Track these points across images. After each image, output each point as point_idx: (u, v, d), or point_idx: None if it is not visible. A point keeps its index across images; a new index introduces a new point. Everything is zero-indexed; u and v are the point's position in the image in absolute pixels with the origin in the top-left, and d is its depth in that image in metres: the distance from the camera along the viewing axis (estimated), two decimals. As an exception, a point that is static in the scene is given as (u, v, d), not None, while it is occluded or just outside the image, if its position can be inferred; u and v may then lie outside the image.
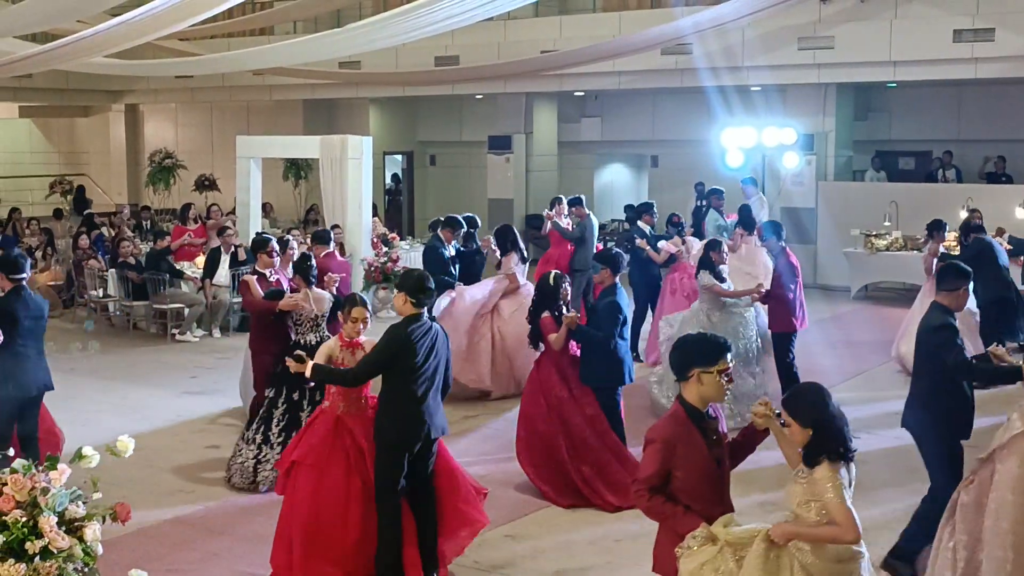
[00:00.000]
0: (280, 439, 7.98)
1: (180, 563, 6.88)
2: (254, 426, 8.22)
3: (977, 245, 12.04)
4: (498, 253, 11.19)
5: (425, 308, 6.22)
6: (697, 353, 4.65)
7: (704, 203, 16.24)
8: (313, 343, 8.06)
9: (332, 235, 12.27)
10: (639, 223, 13.18)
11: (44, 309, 7.54)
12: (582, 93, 21.45)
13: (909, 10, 16.12)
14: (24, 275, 7.47)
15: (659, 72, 17.97)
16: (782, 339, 9.84)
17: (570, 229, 13.21)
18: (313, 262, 8.64)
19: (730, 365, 4.63)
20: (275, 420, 8.10)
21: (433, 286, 6.38)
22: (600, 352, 7.98)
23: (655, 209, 13.86)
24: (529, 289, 10.71)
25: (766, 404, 4.66)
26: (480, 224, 12.44)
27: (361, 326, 6.55)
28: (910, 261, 16.16)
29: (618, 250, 8.74)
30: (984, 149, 19.58)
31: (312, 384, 7.44)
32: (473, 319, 10.76)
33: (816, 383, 4.65)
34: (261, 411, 8.22)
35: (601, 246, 13.03)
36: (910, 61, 16.26)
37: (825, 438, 4.36)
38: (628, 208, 22.01)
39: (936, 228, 11.90)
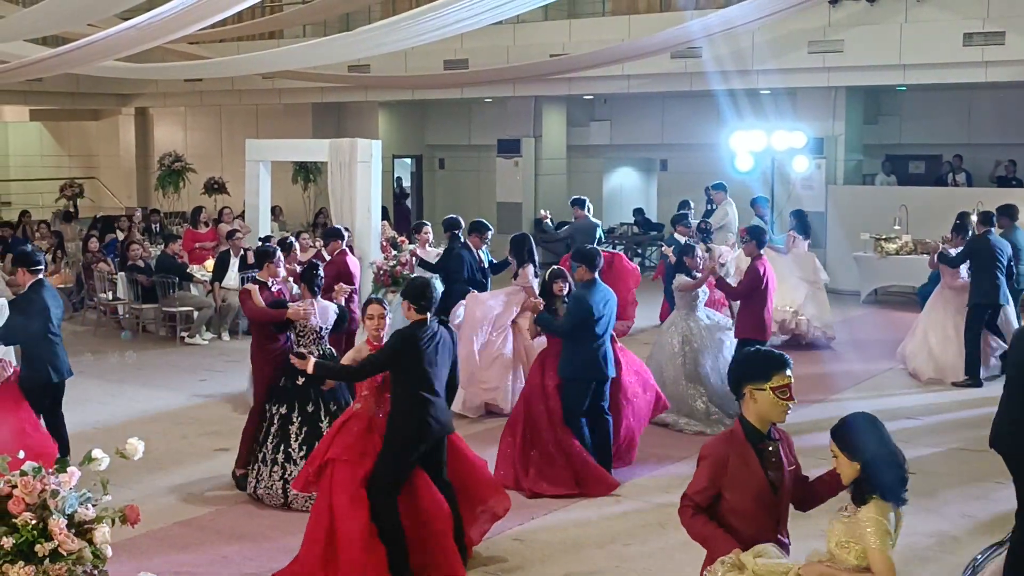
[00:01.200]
0: (302, 454, 7.82)
1: (189, 566, 6.87)
2: (270, 445, 7.96)
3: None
4: (515, 264, 10.65)
5: (430, 313, 6.38)
6: (747, 369, 4.35)
7: (713, 207, 16.19)
8: (315, 356, 7.96)
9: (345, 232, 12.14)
10: (675, 234, 13.19)
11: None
12: (591, 97, 21.45)
13: (919, 13, 16.09)
14: (42, 266, 8.01)
15: (668, 76, 17.96)
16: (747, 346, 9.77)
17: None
18: (320, 271, 8.47)
19: (789, 381, 4.28)
20: (293, 436, 7.91)
21: (436, 292, 6.47)
22: (568, 345, 8.13)
23: (690, 219, 13.87)
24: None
25: None
26: (462, 224, 12.27)
27: (379, 322, 6.68)
28: (920, 265, 16.07)
29: (593, 247, 8.76)
30: (995, 153, 19.53)
31: (323, 385, 7.62)
32: (488, 332, 10.35)
33: (870, 414, 4.27)
34: (274, 429, 7.98)
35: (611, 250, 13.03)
36: (920, 64, 16.23)
37: (876, 475, 4.02)
38: (637, 212, 22.03)
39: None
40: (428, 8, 13.19)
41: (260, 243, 15.14)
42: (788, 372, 4.28)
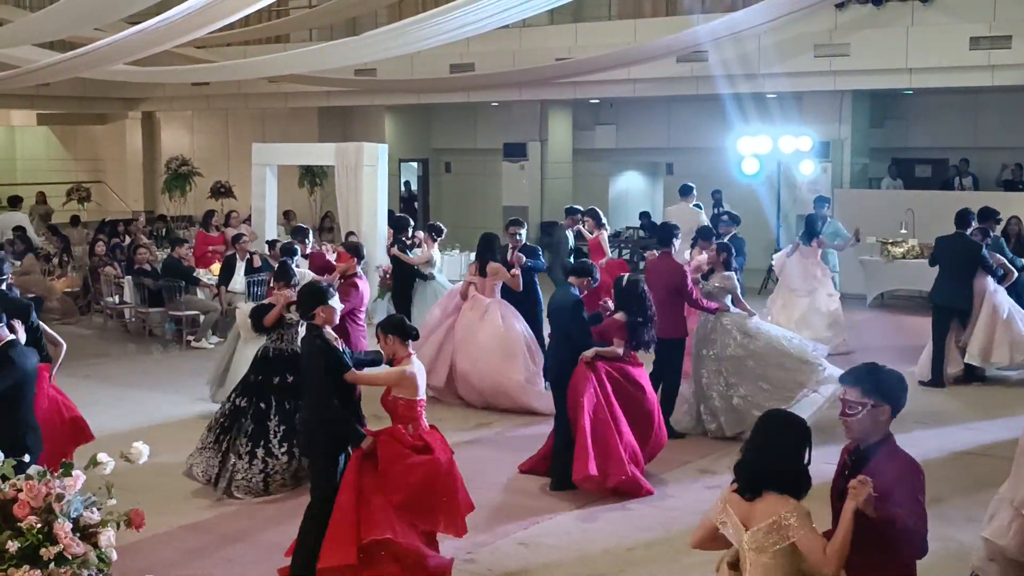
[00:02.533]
0: (283, 449, 8.14)
1: (194, 569, 6.89)
2: (245, 439, 8.16)
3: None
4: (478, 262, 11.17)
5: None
6: None
7: (719, 210, 16.19)
8: (285, 352, 8.32)
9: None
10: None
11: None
12: (597, 100, 21.46)
13: (925, 17, 16.08)
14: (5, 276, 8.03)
15: (674, 80, 17.96)
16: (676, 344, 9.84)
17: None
18: (293, 268, 8.73)
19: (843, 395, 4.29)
20: (272, 432, 8.17)
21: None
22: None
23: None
24: (500, 304, 10.83)
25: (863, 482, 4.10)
26: (412, 223, 13.08)
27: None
28: (927, 269, 16.05)
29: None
30: (1001, 156, 19.50)
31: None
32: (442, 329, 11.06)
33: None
34: (250, 425, 8.19)
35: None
36: (926, 68, 16.22)
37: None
38: (644, 216, 22.02)
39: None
40: (434, 12, 13.22)
41: (267, 245, 15.23)
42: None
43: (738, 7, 16.21)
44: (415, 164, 24.82)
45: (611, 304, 8.48)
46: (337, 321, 6.62)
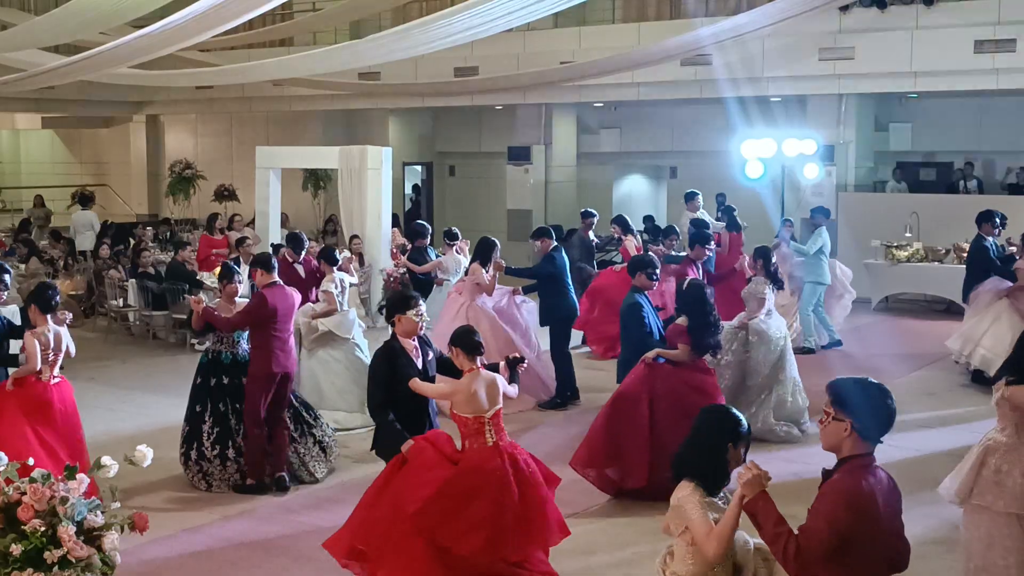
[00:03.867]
0: (215, 452, 8.40)
1: (197, 572, 6.88)
2: (208, 443, 8.41)
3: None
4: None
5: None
6: None
7: (720, 214, 16.17)
8: (227, 355, 8.46)
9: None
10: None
11: None
12: (601, 104, 21.45)
13: (930, 20, 16.06)
14: None
15: (678, 83, 17.95)
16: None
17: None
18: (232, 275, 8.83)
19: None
20: (205, 434, 8.40)
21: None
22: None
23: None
24: (474, 307, 10.76)
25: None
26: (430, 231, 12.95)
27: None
28: (931, 272, 16.08)
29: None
30: (1006, 160, 19.47)
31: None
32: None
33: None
34: (214, 426, 8.41)
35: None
36: (931, 72, 16.20)
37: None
38: (647, 219, 21.99)
39: None
40: (438, 16, 13.23)
41: (271, 248, 15.23)
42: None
43: (742, 10, 16.22)
44: (419, 168, 24.82)
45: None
46: (416, 332, 6.59)
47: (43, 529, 4.48)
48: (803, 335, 13.47)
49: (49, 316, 7.59)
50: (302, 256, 12.01)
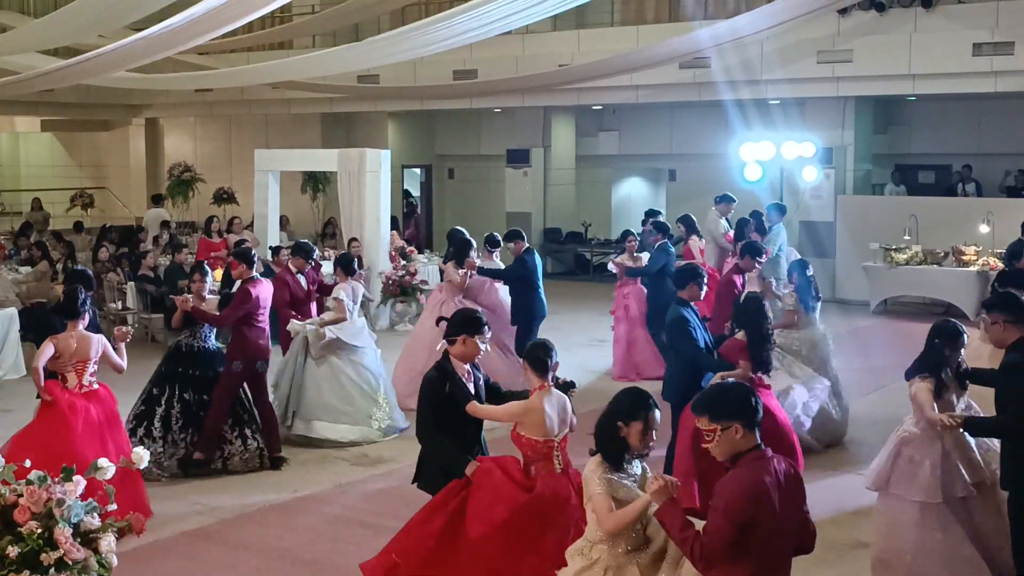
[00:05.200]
0: (183, 436, 8.77)
1: (194, 574, 6.88)
2: (176, 426, 8.76)
3: None
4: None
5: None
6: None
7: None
8: (194, 348, 8.80)
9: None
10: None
11: None
12: (600, 107, 21.46)
13: (928, 23, 16.07)
14: None
15: (677, 86, 17.96)
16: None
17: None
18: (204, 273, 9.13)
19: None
20: (173, 419, 8.72)
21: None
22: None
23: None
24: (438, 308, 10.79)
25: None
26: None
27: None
28: (930, 275, 16.08)
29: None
30: (1004, 163, 19.48)
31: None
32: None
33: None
34: (167, 411, 8.76)
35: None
36: (929, 74, 16.21)
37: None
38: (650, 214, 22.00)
39: None
40: (437, 18, 13.24)
41: (270, 251, 15.22)
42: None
43: (740, 12, 16.22)
44: (418, 170, 24.83)
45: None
46: (475, 358, 6.05)
47: (39, 531, 4.48)
48: None
49: (80, 323, 7.48)
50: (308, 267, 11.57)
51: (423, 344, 10.69)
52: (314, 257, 11.26)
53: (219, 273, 15.07)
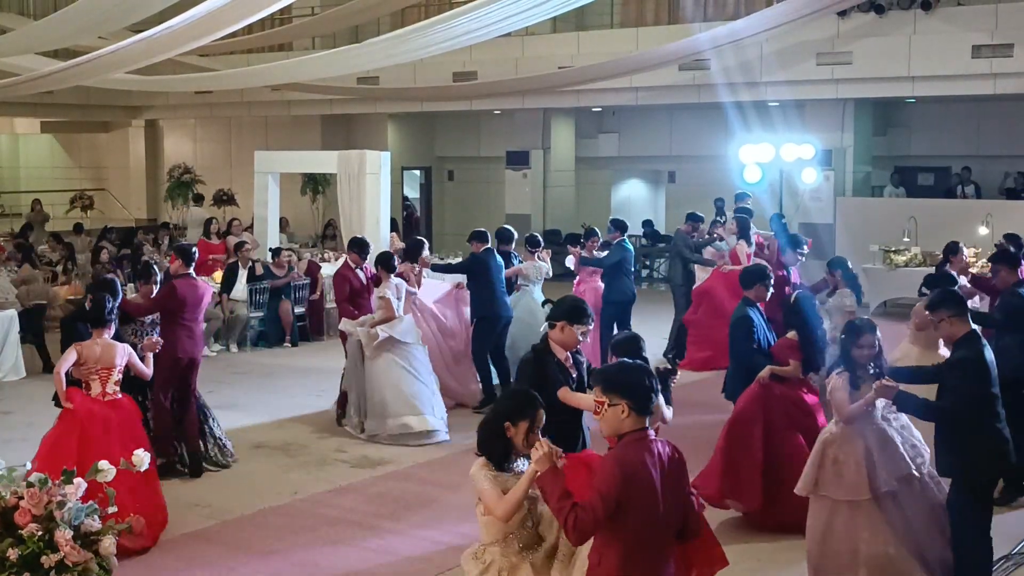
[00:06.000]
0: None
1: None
2: None
3: None
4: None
5: None
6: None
7: (723, 218, 16.18)
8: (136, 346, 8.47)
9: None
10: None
11: None
12: (600, 109, 21.48)
13: (928, 26, 16.08)
14: None
15: (677, 88, 17.97)
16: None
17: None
18: (155, 267, 9.29)
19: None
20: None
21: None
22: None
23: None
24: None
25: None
26: (515, 236, 12.40)
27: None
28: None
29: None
30: (1003, 165, 19.50)
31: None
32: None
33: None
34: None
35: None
36: (929, 77, 16.22)
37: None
38: (646, 224, 22.02)
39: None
40: (437, 20, 13.22)
41: (270, 253, 15.23)
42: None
43: (740, 15, 16.24)
44: (418, 172, 24.83)
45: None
46: (574, 346, 5.93)
47: (40, 533, 4.49)
48: None
49: (105, 330, 7.43)
50: (365, 262, 11.34)
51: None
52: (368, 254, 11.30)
53: (219, 275, 15.09)
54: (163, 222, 22.93)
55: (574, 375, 5.87)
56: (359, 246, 11.19)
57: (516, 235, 12.43)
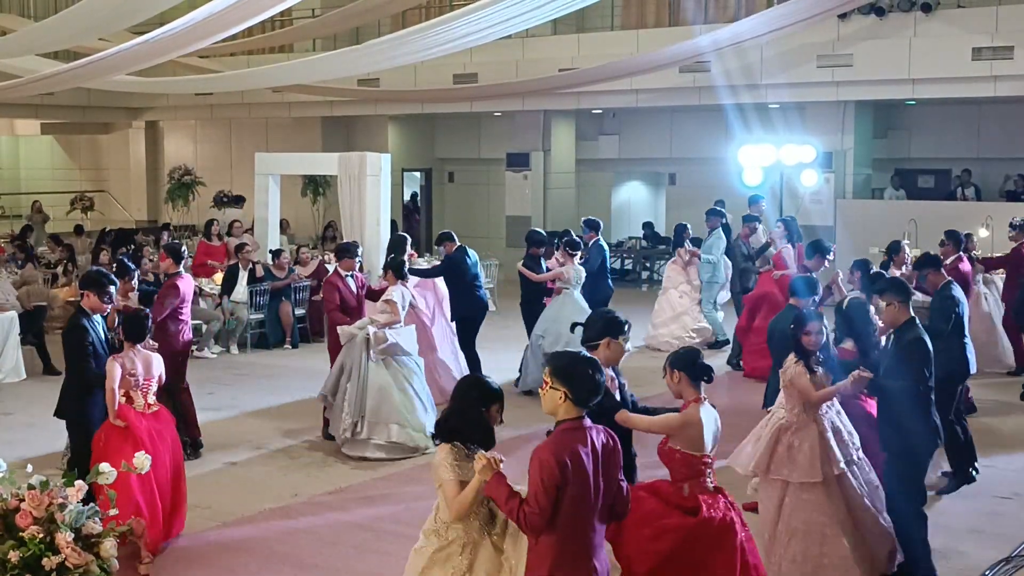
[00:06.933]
0: None
1: (196, 579, 6.89)
2: None
3: None
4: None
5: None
6: None
7: (725, 220, 16.18)
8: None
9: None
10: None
11: None
12: (600, 111, 21.49)
13: (928, 28, 16.10)
14: None
15: (677, 90, 17.98)
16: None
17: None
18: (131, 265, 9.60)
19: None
20: None
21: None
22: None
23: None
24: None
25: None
26: (546, 239, 12.48)
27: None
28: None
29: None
30: (1004, 167, 19.51)
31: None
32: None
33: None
34: None
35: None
36: (929, 79, 16.23)
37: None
38: (647, 226, 22.03)
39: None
40: (437, 22, 13.24)
41: (271, 255, 15.24)
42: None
43: (740, 17, 16.24)
44: (418, 174, 24.84)
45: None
46: (621, 359, 5.71)
47: (41, 536, 4.49)
48: (715, 331, 14.29)
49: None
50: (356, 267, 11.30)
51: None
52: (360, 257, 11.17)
53: (219, 276, 15.10)
54: (163, 223, 22.94)
55: (616, 395, 5.56)
56: (348, 251, 10.78)
57: (546, 239, 12.50)
